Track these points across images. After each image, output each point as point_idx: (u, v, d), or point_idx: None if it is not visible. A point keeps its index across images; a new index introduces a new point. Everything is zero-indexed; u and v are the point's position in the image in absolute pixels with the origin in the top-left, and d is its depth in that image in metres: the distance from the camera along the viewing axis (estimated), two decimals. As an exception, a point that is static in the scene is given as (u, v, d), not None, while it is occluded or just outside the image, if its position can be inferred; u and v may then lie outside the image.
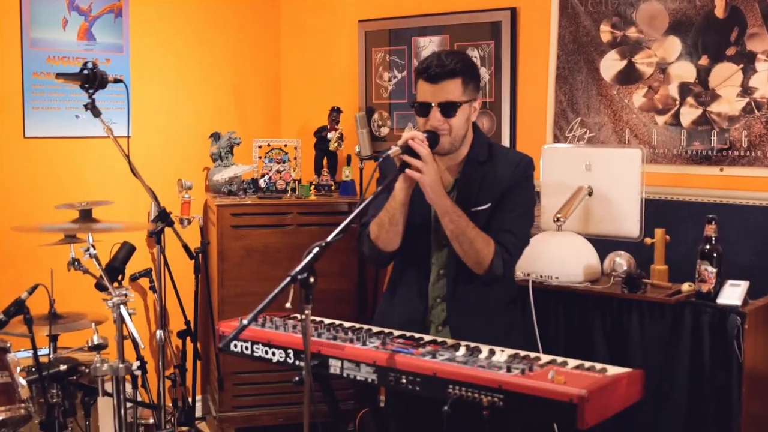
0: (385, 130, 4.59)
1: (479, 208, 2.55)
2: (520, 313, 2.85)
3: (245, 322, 2.06)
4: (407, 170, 2.41)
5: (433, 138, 2.48)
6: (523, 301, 3.05)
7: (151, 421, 3.57)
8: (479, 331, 2.50)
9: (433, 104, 2.50)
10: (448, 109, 2.49)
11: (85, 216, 3.24)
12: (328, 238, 2.15)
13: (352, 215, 2.26)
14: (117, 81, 3.17)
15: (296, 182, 4.34)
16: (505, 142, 4.11)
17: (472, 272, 2.54)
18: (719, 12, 3.49)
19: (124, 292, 3.14)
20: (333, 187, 4.50)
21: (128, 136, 3.22)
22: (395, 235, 2.55)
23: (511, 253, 2.55)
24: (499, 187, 2.56)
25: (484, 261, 2.49)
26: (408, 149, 2.41)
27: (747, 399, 2.79)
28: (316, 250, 2.10)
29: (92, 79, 3.07)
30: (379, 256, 2.63)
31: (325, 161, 4.56)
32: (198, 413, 4.48)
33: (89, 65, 3.09)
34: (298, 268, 2.04)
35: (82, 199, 3.54)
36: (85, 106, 3.09)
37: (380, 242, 2.58)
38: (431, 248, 2.62)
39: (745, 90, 3.44)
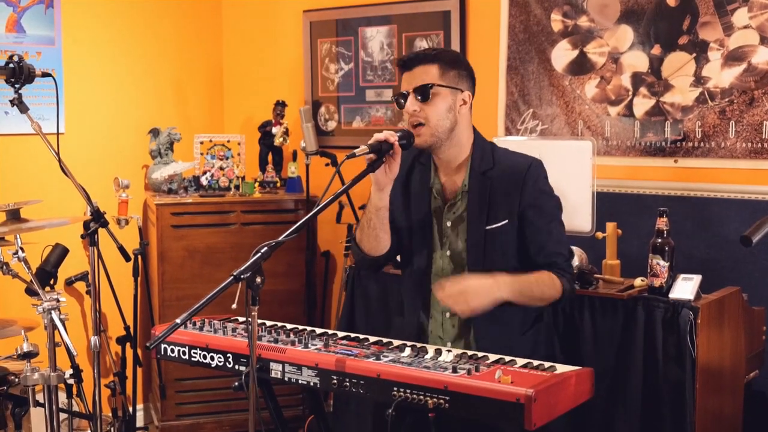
0: (332, 124, 4.48)
1: (493, 226, 2.43)
2: (546, 330, 2.62)
3: (178, 321, 2.03)
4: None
5: (407, 137, 2.37)
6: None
7: (89, 431, 3.44)
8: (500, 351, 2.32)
9: (409, 92, 2.42)
10: (422, 91, 2.39)
11: (13, 217, 3.13)
12: (280, 238, 2.09)
13: (310, 215, 2.20)
14: (46, 75, 3.10)
15: (240, 179, 4.24)
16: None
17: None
18: (671, 0, 3.43)
19: (55, 296, 3.08)
20: (278, 184, 4.40)
21: (58, 133, 3.09)
22: (375, 239, 2.47)
23: (570, 271, 2.52)
24: (514, 201, 2.43)
25: (555, 298, 2.46)
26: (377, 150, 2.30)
27: (701, 394, 2.75)
28: (264, 249, 2.05)
29: (18, 73, 2.98)
30: (363, 260, 2.56)
31: (270, 157, 4.47)
32: (139, 423, 4.36)
33: (15, 58, 3.01)
34: (242, 268, 2.00)
35: (14, 199, 3.41)
36: (12, 102, 3.01)
37: (364, 245, 2.52)
38: (433, 253, 2.50)
39: (698, 80, 3.38)
